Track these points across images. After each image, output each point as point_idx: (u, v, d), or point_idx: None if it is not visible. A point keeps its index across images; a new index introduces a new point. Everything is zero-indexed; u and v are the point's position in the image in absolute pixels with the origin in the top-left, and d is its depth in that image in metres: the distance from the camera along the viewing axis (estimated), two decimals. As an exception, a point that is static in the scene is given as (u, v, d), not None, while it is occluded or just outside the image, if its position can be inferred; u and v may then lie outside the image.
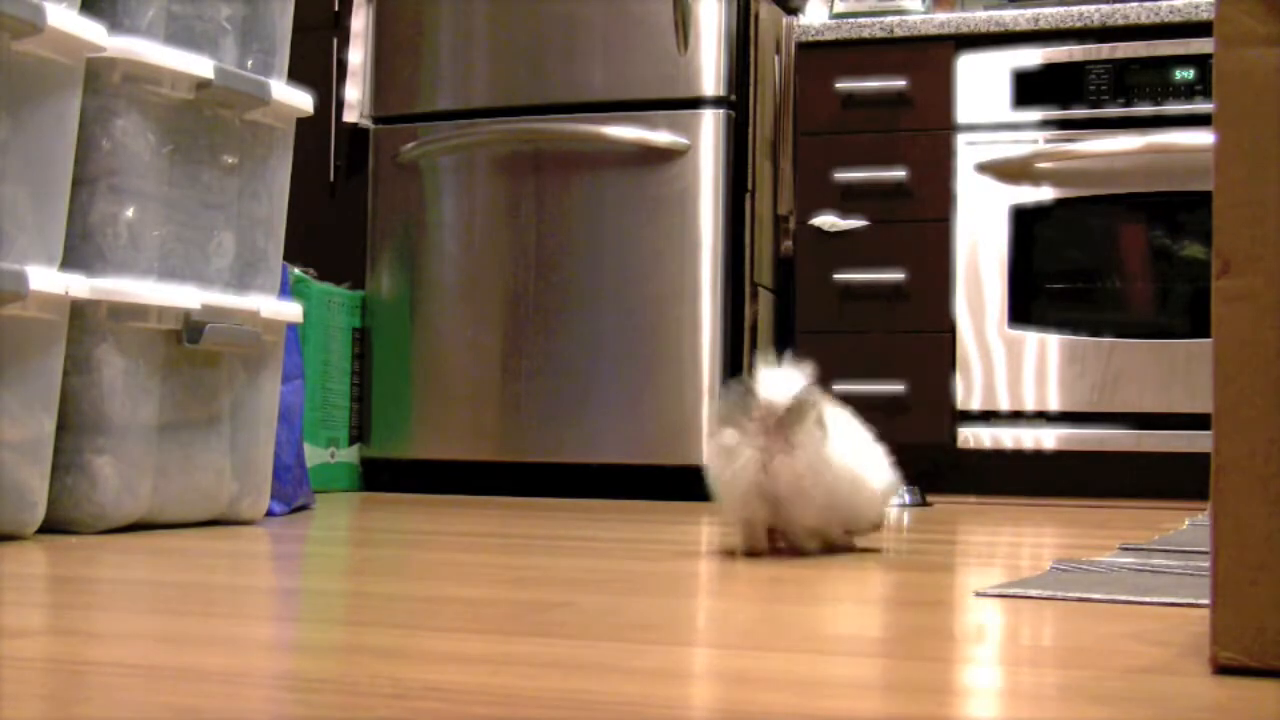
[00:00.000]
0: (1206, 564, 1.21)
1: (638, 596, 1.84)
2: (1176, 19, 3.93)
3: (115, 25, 2.58)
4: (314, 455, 3.96)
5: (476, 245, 4.20)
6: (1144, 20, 3.95)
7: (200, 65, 2.69)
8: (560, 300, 4.11)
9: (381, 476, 4.26)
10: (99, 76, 2.56)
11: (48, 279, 2.36)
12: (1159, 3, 3.96)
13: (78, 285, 2.44)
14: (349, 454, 4.21)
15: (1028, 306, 4.02)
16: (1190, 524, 3.03)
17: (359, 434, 4.25)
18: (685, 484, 3.89)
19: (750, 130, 4.12)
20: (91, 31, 2.47)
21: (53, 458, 2.45)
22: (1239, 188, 1.22)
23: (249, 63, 2.88)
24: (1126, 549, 2.38)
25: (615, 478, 4.04)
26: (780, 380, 2.22)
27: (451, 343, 4.20)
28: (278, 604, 1.75)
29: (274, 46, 2.97)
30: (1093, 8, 4.00)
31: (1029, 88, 4.03)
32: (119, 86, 2.60)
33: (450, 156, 4.24)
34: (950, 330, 4.04)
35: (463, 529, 2.94)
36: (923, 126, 4.09)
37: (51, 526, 2.46)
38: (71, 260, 2.49)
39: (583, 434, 4.07)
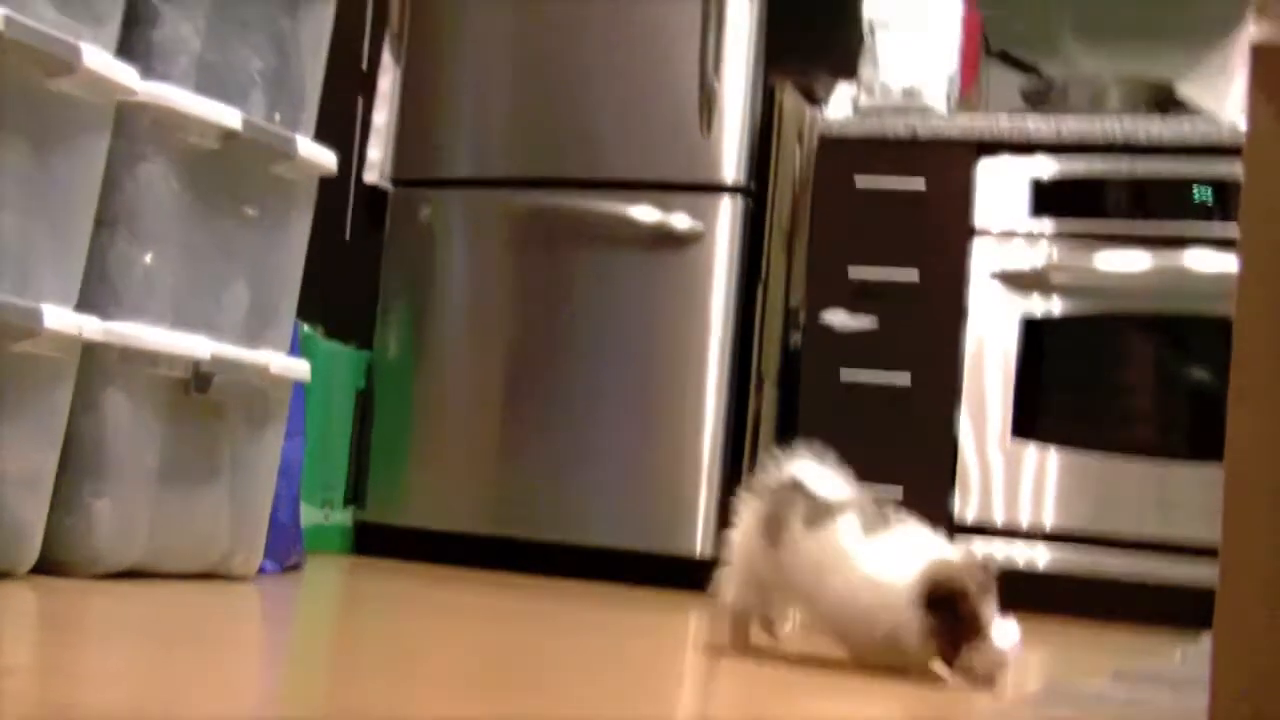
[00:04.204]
0: (1200, 698, 1.19)
1: (614, 674, 1.82)
2: (1198, 140, 3.94)
3: (148, 70, 2.58)
4: (308, 515, 3.93)
5: (485, 314, 4.19)
6: (1166, 139, 3.95)
7: (229, 116, 2.70)
8: (564, 377, 4.09)
9: (374, 541, 4.23)
10: (128, 120, 2.56)
11: (63, 318, 2.35)
12: (1181, 124, 3.97)
13: (91, 327, 2.43)
14: (343, 516, 4.19)
15: (1031, 419, 4.00)
16: (1183, 655, 3.00)
17: (355, 496, 4.22)
18: (678, 573, 3.87)
19: (767, 220, 4.12)
20: (125, 75, 2.47)
21: (51, 497, 2.43)
22: (1260, 319, 1.21)
23: (276, 116, 2.89)
24: (1118, 676, 2.36)
25: (608, 560, 4.01)
26: (816, 473, 2.19)
27: (453, 411, 4.18)
28: (264, 662, 1.74)
29: (302, 102, 2.97)
30: (1116, 123, 4.01)
31: (1047, 197, 4.03)
32: (147, 131, 2.60)
33: (466, 224, 4.24)
34: (952, 437, 4.03)
35: (452, 601, 2.92)
36: (939, 229, 4.09)
37: (45, 567, 2.44)
38: (86, 300, 2.48)
39: (578, 513, 4.05)
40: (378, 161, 4.37)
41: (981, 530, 4.00)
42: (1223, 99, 4.24)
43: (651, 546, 3.97)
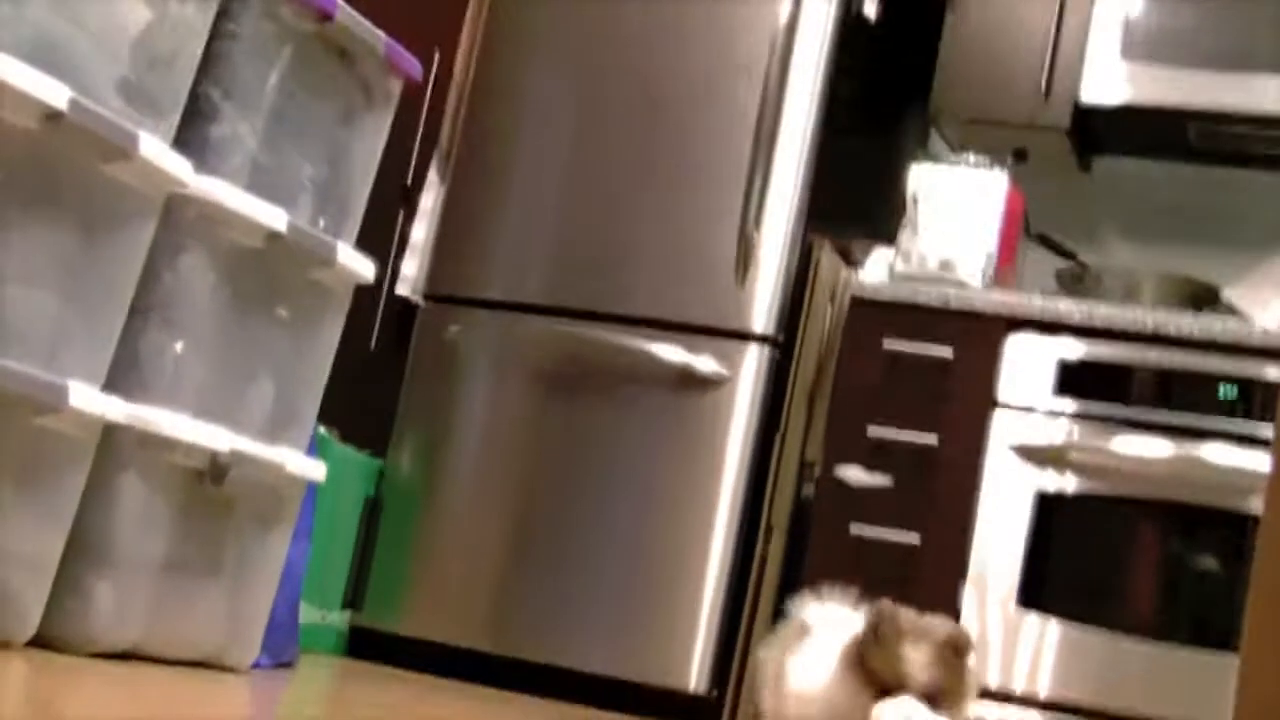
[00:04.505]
0: None
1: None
2: (1227, 339, 3.96)
3: (202, 164, 2.62)
4: (305, 614, 3.93)
5: (501, 435, 4.21)
6: (1195, 335, 3.98)
7: (275, 218, 2.73)
8: (573, 503, 4.11)
9: (368, 646, 4.23)
10: (175, 211, 2.59)
11: (88, 398, 2.37)
12: (1212, 322, 3.99)
13: (115, 410, 2.46)
14: (339, 618, 4.19)
15: (1036, 590, 4.00)
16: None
17: (353, 600, 4.22)
18: (672, 707, 3.87)
19: (791, 372, 4.14)
20: (178, 167, 2.51)
21: (55, 574, 2.44)
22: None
23: (321, 223, 2.92)
24: None
25: (601, 687, 4.00)
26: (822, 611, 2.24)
27: (460, 527, 4.19)
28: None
29: (347, 211, 3.01)
30: (1146, 314, 4.03)
31: (1072, 378, 4.05)
32: (193, 224, 2.63)
33: (491, 345, 4.27)
34: (956, 601, 4.02)
35: (440, 714, 2.92)
36: (962, 398, 4.10)
37: (40, 641, 2.45)
38: (112, 383, 2.50)
39: (575, 638, 4.05)
40: (411, 276, 4.41)
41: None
42: (1265, 308, 4.24)
43: (647, 678, 3.97)
